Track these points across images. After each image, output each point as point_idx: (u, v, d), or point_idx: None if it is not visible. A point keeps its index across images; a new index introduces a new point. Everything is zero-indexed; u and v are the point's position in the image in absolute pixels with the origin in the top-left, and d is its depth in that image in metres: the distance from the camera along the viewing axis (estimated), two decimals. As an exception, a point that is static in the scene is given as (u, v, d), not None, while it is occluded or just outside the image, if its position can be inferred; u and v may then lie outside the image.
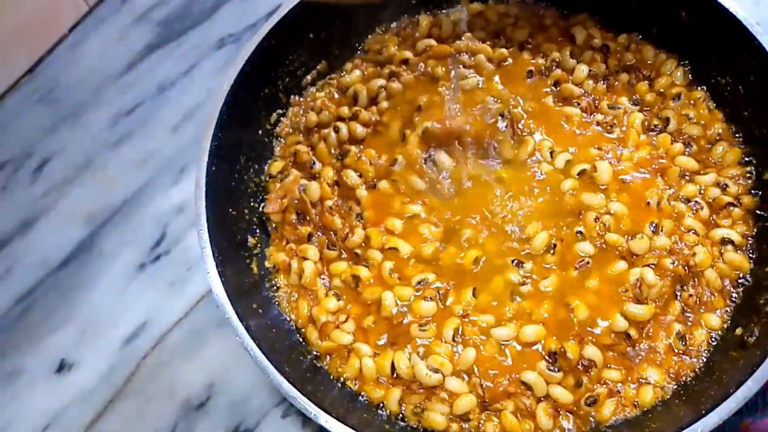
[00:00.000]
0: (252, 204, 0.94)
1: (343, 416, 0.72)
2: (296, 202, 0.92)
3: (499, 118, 0.94)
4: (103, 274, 1.01)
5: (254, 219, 0.93)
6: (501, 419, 0.79)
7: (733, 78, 0.92)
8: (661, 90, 0.97)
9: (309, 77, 1.02)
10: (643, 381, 0.80)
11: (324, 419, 0.71)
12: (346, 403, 0.80)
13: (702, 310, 0.84)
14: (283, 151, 0.99)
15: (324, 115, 0.98)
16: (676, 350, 0.81)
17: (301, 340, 0.86)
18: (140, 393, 0.93)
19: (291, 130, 1.00)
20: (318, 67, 1.02)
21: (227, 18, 1.22)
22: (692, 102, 0.96)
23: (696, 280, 0.85)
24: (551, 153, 0.92)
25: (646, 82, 0.97)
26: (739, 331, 0.81)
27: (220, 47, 1.19)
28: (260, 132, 0.97)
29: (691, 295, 0.84)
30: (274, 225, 0.94)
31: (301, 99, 1.02)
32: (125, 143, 1.12)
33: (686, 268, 0.85)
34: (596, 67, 0.98)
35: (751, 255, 0.86)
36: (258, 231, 0.93)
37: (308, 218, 0.92)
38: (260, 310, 0.85)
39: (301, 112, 1.01)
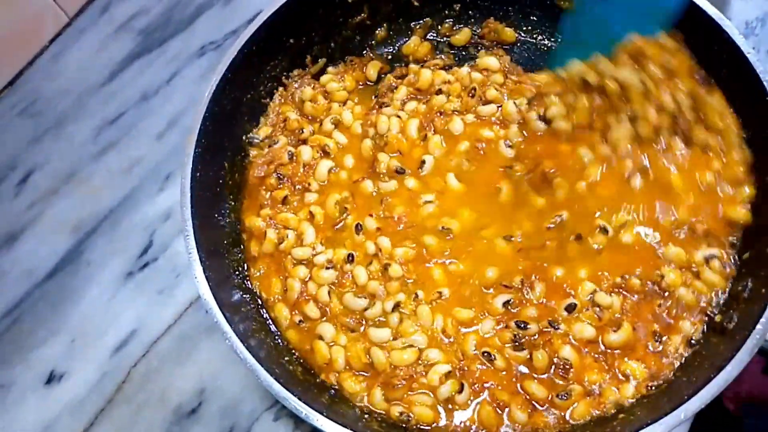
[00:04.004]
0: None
1: (334, 415, 0.73)
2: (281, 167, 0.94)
3: None
4: (91, 283, 1.01)
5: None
6: (479, 410, 0.80)
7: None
8: None
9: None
10: (623, 378, 0.81)
11: (315, 418, 0.72)
12: (336, 403, 0.81)
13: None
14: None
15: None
16: (652, 349, 0.82)
17: (286, 341, 0.87)
18: (131, 401, 0.93)
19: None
20: (300, 72, 1.03)
21: (208, 26, 1.22)
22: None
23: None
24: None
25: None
26: (718, 317, 0.82)
27: (201, 55, 1.19)
28: (244, 138, 0.98)
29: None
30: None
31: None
32: (109, 152, 1.12)
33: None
34: None
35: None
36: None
37: (288, 180, 0.94)
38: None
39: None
